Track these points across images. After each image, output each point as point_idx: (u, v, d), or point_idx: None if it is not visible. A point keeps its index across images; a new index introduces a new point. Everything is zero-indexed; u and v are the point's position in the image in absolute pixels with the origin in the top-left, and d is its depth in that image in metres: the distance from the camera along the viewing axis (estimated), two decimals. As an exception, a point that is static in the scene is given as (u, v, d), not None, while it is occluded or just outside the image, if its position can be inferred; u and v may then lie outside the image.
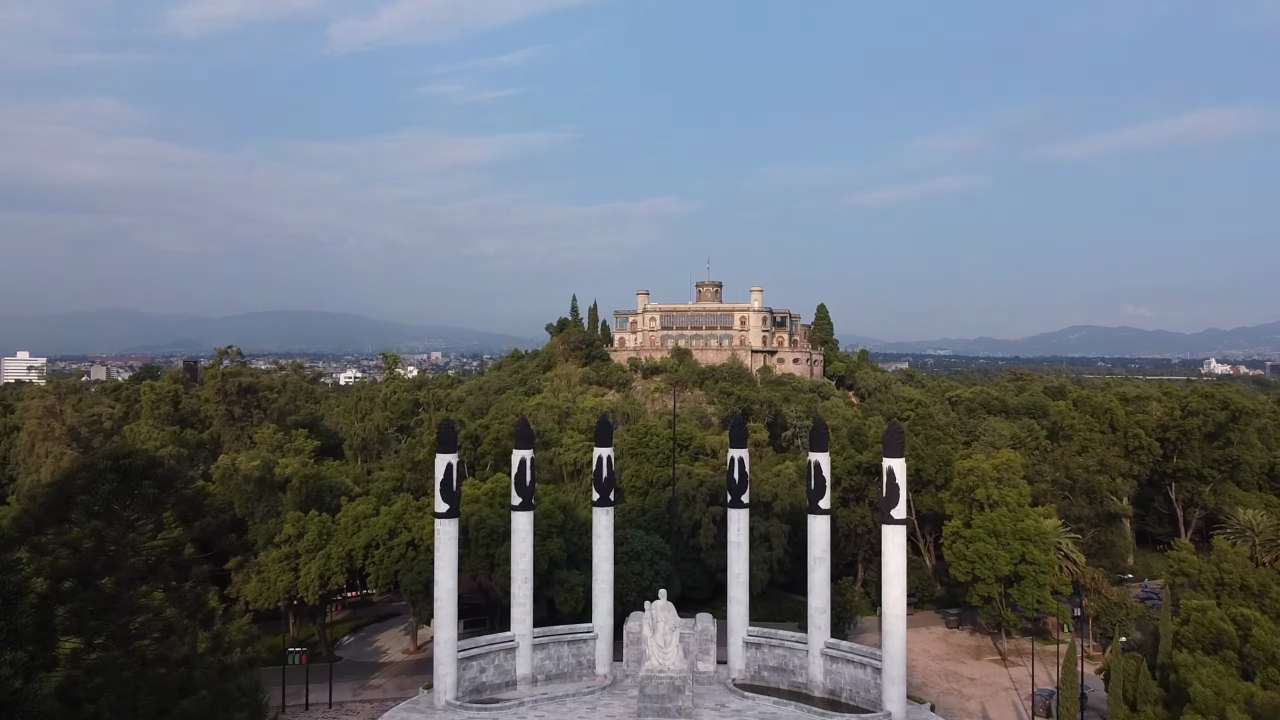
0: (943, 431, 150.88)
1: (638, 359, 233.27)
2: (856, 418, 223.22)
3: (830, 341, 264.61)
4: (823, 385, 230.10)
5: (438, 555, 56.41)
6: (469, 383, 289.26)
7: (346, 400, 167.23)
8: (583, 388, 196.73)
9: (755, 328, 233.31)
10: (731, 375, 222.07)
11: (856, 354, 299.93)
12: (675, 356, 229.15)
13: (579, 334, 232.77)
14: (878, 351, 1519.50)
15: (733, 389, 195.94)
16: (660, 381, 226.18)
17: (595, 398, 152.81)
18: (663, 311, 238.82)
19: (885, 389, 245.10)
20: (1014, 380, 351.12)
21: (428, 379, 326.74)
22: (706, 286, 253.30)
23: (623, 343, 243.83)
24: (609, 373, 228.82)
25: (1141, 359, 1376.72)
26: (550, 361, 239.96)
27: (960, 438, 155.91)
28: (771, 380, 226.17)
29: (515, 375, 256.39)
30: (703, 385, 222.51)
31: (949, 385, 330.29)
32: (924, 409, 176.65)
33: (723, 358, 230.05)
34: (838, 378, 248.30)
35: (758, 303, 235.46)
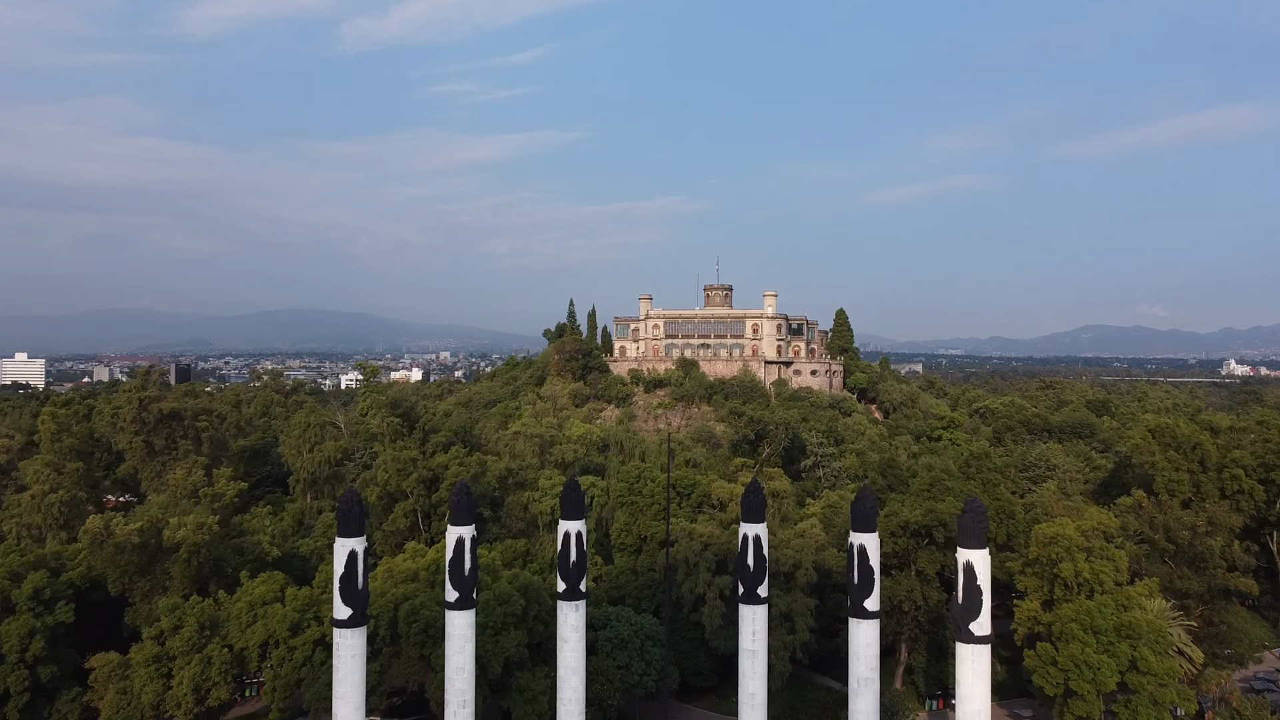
0: (1000, 473, 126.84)
1: (639, 371, 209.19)
2: (882, 438, 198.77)
3: (850, 350, 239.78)
4: (844, 400, 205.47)
5: (336, 677, 44.34)
6: (461, 392, 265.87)
7: (296, 420, 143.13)
8: (572, 409, 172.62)
9: (769, 336, 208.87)
10: (743, 390, 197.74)
11: (878, 363, 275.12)
12: (681, 368, 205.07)
13: (574, 343, 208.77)
14: (890, 351, 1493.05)
15: (744, 409, 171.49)
16: (664, 396, 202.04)
17: (584, 424, 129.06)
18: (667, 318, 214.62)
19: (912, 403, 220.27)
20: (1045, 389, 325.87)
21: (418, 391, 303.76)
22: (716, 290, 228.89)
23: (623, 352, 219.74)
24: (607, 386, 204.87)
25: (1157, 359, 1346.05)
26: (545, 372, 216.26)
27: (1017, 474, 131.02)
28: (787, 396, 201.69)
29: (508, 386, 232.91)
30: (711, 400, 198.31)
31: (975, 394, 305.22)
32: (972, 443, 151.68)
33: (733, 370, 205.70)
34: (859, 390, 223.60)
35: (772, 309, 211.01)
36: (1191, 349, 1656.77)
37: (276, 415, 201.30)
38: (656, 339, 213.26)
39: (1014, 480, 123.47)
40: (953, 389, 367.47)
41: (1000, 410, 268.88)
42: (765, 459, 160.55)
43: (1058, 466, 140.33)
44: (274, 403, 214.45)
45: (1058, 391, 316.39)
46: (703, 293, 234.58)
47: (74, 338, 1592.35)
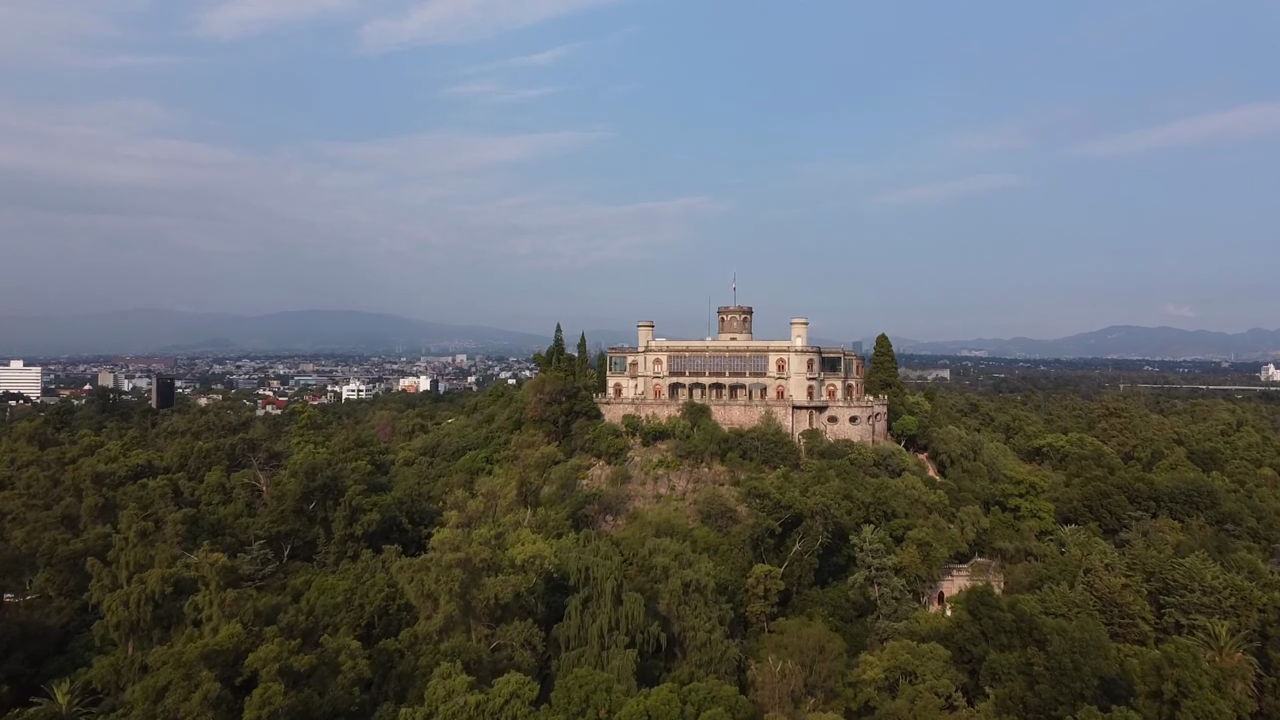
0: (1129, 616, 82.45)
1: (636, 417, 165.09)
2: (943, 505, 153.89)
3: (895, 384, 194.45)
4: (891, 456, 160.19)
5: None
6: (434, 432, 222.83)
7: (125, 519, 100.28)
8: (534, 482, 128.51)
9: (798, 375, 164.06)
10: (765, 445, 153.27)
11: (923, 392, 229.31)
12: (687, 416, 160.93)
13: (556, 382, 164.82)
14: (912, 354, 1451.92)
15: (766, 487, 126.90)
16: (666, 451, 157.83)
17: (530, 543, 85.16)
18: (671, 352, 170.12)
19: (973, 454, 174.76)
20: (1109, 416, 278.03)
21: (395, 421, 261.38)
22: (732, 314, 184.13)
23: (618, 391, 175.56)
24: (597, 436, 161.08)
25: (1188, 361, 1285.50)
26: (523, 414, 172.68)
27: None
28: (821, 450, 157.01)
29: (481, 430, 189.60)
30: (725, 458, 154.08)
31: (1030, 424, 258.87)
32: (1079, 535, 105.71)
33: (753, 418, 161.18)
34: (907, 437, 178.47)
35: (801, 340, 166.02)
36: (1220, 350, 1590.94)
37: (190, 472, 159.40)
38: (659, 377, 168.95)
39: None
40: (998, 411, 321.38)
41: (1070, 449, 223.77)
42: (795, 556, 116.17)
43: (1216, 601, 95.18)
44: (192, 453, 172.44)
45: (1125, 421, 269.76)
46: (716, 316, 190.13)
47: (97, 338, 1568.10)
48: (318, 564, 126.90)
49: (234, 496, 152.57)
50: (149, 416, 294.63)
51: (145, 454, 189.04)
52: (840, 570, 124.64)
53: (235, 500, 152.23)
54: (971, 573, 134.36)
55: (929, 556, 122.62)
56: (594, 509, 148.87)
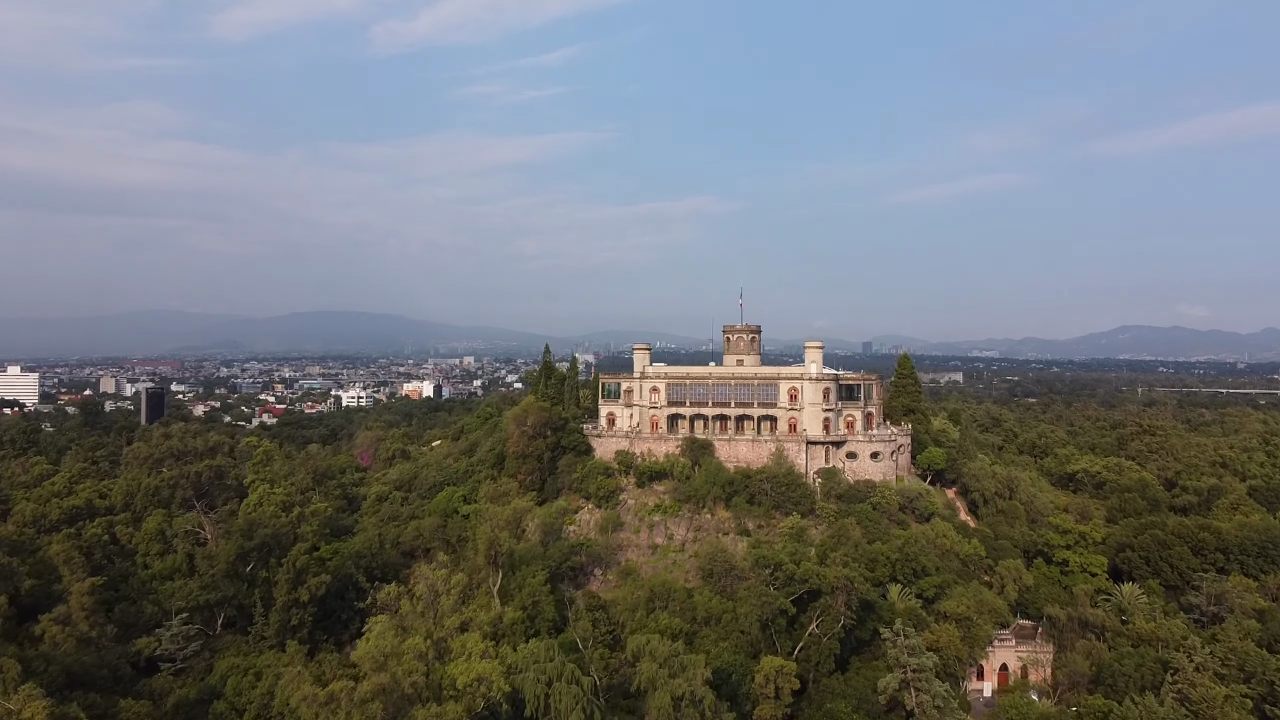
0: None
1: (630, 453, 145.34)
2: (979, 557, 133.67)
3: (920, 410, 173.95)
4: (918, 497, 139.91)
5: None
6: (420, 458, 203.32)
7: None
8: (510, 542, 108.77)
9: (813, 405, 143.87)
10: (775, 487, 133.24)
11: (947, 415, 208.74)
12: (688, 453, 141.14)
13: (540, 413, 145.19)
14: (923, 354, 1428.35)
15: (772, 553, 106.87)
16: (663, 494, 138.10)
17: (478, 657, 65.87)
18: (670, 379, 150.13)
19: (1009, 492, 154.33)
20: (1143, 434, 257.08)
21: (378, 443, 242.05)
22: (739, 334, 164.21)
23: (611, 422, 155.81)
24: (585, 475, 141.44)
25: (1201, 362, 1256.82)
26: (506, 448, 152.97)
27: None
28: (840, 492, 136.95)
29: (462, 461, 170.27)
30: (730, 502, 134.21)
31: (1066, 450, 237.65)
32: (1150, 621, 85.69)
33: (762, 455, 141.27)
34: (935, 472, 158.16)
35: (816, 365, 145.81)
36: (1233, 350, 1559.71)
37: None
38: (656, 407, 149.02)
39: None
40: (1022, 427, 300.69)
41: (1107, 476, 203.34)
42: (812, 639, 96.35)
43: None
44: (139, 490, 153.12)
45: (1160, 439, 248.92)
46: (721, 335, 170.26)
47: (108, 340, 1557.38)
48: (254, 638, 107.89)
49: (174, 547, 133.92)
50: (124, 435, 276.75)
51: (91, 488, 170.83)
52: (864, 645, 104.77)
53: (175, 552, 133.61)
54: (1016, 642, 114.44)
55: (970, 634, 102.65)
56: (581, 560, 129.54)
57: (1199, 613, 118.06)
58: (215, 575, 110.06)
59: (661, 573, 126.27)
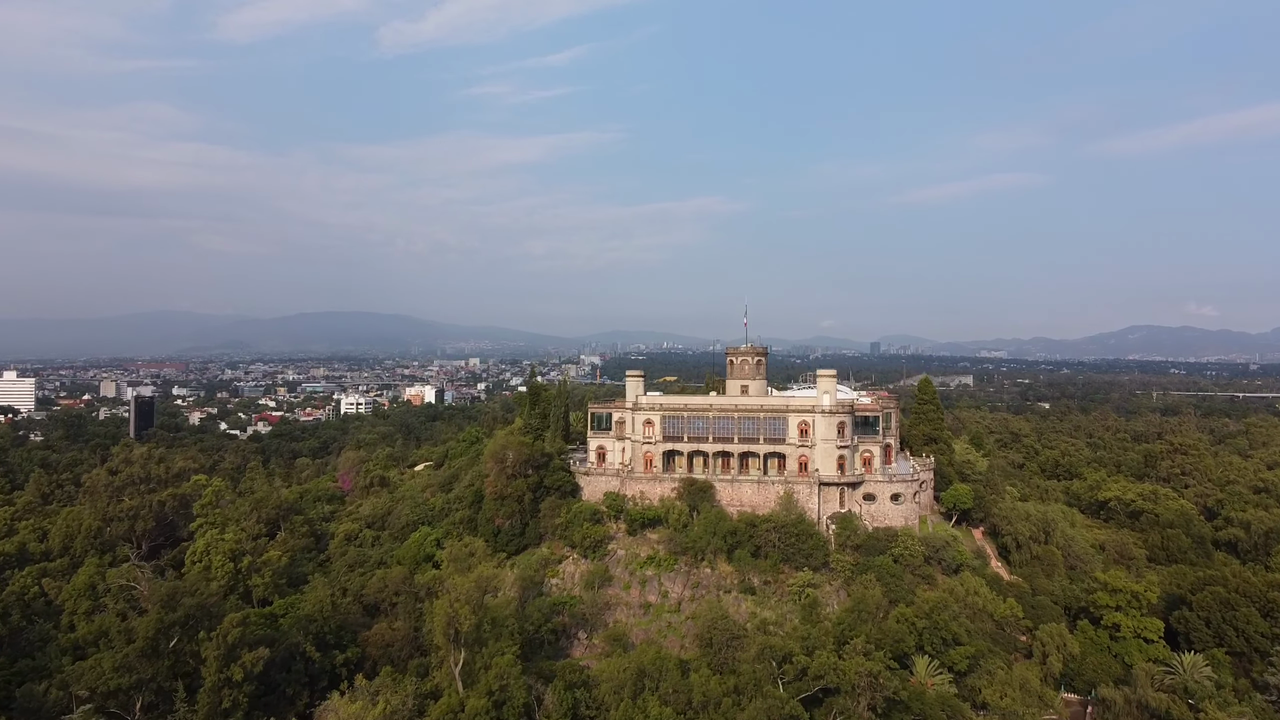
0: None
1: (620, 495, 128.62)
2: (1016, 618, 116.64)
3: (941, 438, 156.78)
4: (945, 546, 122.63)
5: None
6: (399, 488, 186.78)
7: None
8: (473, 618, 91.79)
9: (825, 441, 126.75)
10: (784, 538, 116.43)
11: (968, 437, 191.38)
12: (685, 496, 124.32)
13: (521, 449, 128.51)
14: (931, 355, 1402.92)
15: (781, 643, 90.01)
16: (657, 544, 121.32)
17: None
18: (666, 411, 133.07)
19: (1044, 535, 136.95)
20: (1174, 453, 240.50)
21: (360, 465, 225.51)
22: (743, 356, 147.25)
23: (602, 456, 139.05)
24: (570, 520, 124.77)
25: (1212, 363, 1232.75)
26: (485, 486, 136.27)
27: None
28: (858, 542, 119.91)
29: (439, 499, 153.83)
30: (732, 555, 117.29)
31: (1096, 475, 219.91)
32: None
33: (768, 499, 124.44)
34: (960, 512, 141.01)
35: (829, 396, 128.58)
36: (1243, 349, 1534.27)
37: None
38: (650, 442, 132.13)
39: None
40: (1042, 443, 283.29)
41: (1143, 505, 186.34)
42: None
43: None
44: (80, 531, 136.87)
45: (1194, 460, 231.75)
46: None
47: (118, 341, 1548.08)
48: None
49: (103, 605, 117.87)
50: (100, 454, 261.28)
51: (31, 527, 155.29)
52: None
53: (106, 611, 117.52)
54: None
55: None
56: (564, 622, 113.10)
57: (1276, 693, 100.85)
58: (130, 654, 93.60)
59: (654, 637, 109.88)
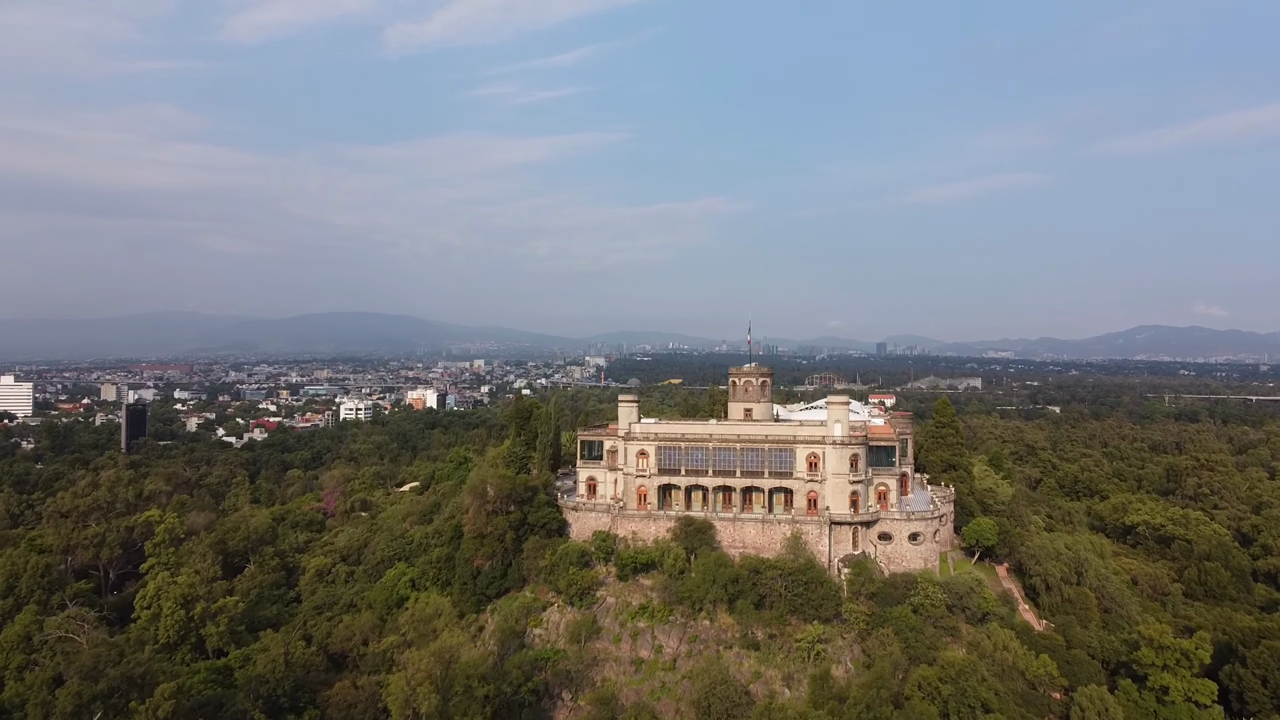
0: None
1: (611, 535, 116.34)
2: (1050, 676, 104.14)
3: (961, 465, 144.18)
4: (969, 592, 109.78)
5: None
6: (379, 516, 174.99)
7: None
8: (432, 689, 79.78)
9: (837, 476, 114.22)
10: (791, 586, 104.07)
11: (988, 457, 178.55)
12: (682, 537, 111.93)
13: (502, 484, 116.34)
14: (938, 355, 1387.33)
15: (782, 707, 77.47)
16: (651, 591, 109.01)
17: None
18: (662, 441, 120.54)
19: (1077, 576, 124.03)
20: (1200, 469, 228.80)
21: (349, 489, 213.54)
22: (746, 377, 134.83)
23: (592, 488, 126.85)
24: (556, 563, 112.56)
25: (1221, 364, 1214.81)
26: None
27: None
28: (873, 591, 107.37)
29: (417, 532, 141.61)
30: (734, 605, 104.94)
31: (1120, 496, 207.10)
32: None
33: (774, 540, 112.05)
34: (984, 550, 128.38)
35: (841, 425, 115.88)
36: (1252, 349, 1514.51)
37: None
38: (644, 475, 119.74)
39: None
40: (1059, 457, 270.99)
41: (1173, 530, 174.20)
42: None
43: None
44: (25, 569, 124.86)
45: (1221, 477, 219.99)
46: (728, 380, 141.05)
47: (125, 341, 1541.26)
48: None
49: (38, 660, 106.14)
50: (79, 468, 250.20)
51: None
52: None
53: (40, 666, 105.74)
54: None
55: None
56: (546, 680, 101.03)
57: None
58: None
59: (646, 700, 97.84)
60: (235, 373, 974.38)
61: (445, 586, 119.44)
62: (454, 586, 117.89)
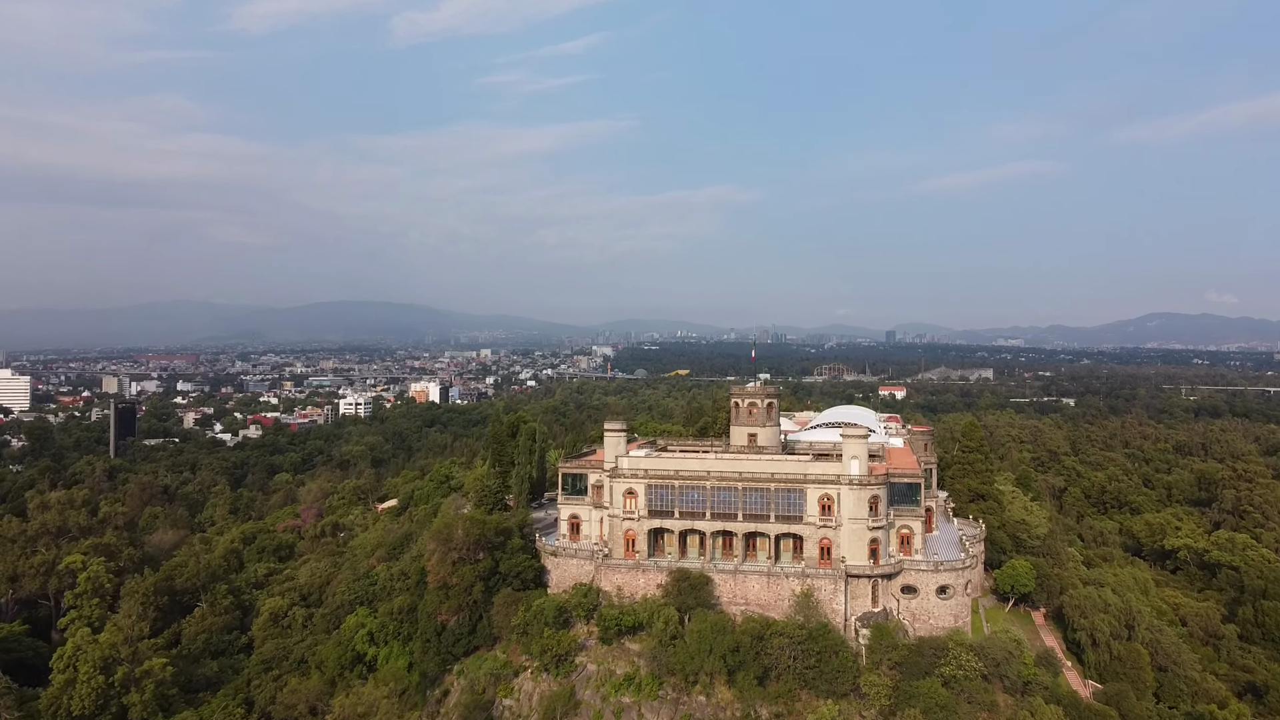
0: None
1: (593, 590, 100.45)
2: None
3: (989, 494, 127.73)
4: (1008, 658, 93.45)
5: None
6: (350, 542, 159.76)
7: None
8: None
9: (854, 521, 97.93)
10: (801, 655, 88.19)
11: (1012, 475, 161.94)
12: (675, 594, 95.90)
13: (471, 529, 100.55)
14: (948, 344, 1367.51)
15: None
16: (638, 659, 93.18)
17: None
18: (653, 478, 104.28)
19: (1127, 630, 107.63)
20: (1239, 480, 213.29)
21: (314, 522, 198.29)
22: (751, 399, 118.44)
23: (575, 527, 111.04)
24: (529, 621, 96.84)
25: (1234, 352, 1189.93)
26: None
27: None
28: (897, 659, 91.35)
29: (382, 570, 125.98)
30: (734, 677, 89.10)
31: (1154, 517, 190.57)
32: None
33: (781, 598, 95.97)
34: (1019, 596, 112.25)
35: (859, 462, 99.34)
36: (1264, 337, 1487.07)
37: None
38: (631, 517, 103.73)
39: None
40: (1083, 463, 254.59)
41: (1220, 556, 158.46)
42: None
43: None
44: None
45: (1263, 490, 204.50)
46: (730, 402, 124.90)
47: (135, 330, 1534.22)
48: None
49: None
50: (49, 477, 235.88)
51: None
52: None
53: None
54: None
55: None
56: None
57: None
58: None
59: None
60: (241, 363, 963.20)
61: (407, 641, 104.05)
62: (415, 643, 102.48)
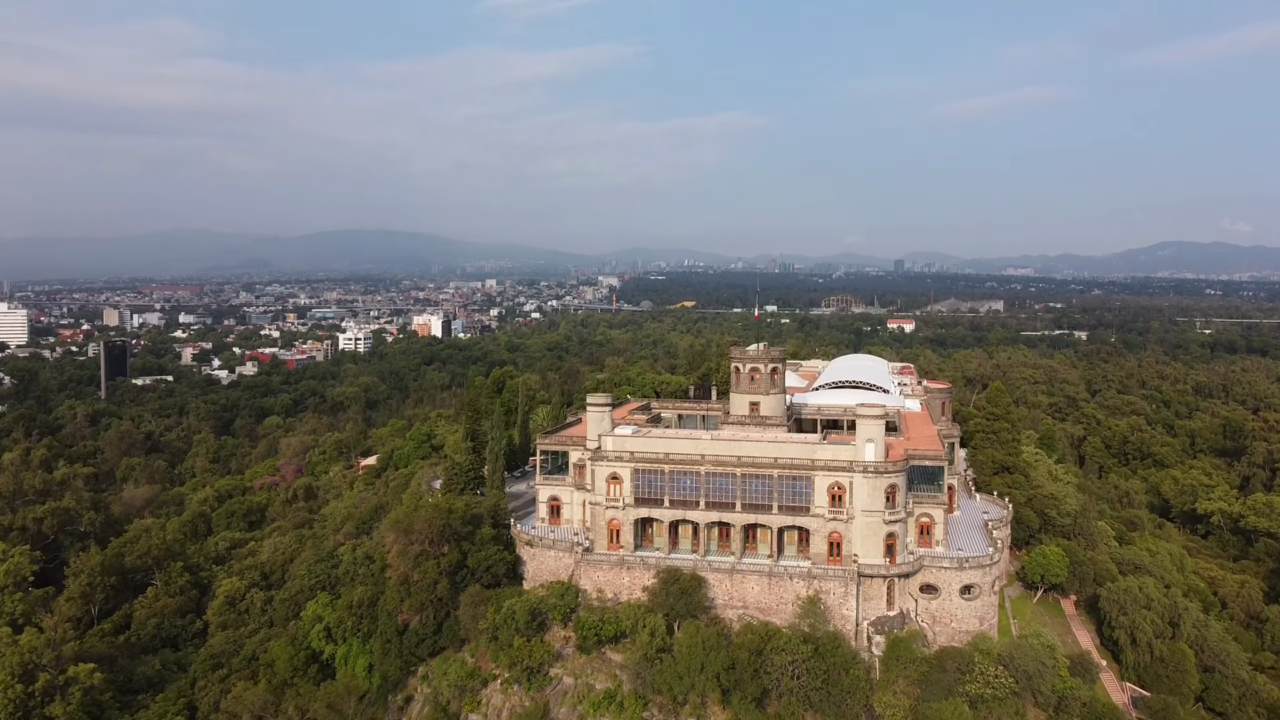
0: None
1: (571, 589, 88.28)
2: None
3: (1017, 469, 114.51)
4: (1041, 669, 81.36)
5: None
6: (320, 515, 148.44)
7: None
8: None
9: (869, 513, 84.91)
10: (808, 673, 76.19)
11: (1035, 435, 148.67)
12: (663, 598, 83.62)
13: (434, 519, 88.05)
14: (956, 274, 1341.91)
15: None
16: (620, 674, 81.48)
17: None
18: (641, 461, 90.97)
19: (1172, 629, 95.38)
20: (1270, 432, 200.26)
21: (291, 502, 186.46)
22: (753, 363, 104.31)
23: (555, 511, 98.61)
24: (500, 623, 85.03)
25: (1247, 282, 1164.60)
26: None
27: None
28: (917, 675, 79.44)
29: (347, 552, 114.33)
30: (729, 696, 77.40)
31: (1189, 476, 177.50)
32: None
33: (784, 602, 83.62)
34: (1050, 586, 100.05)
35: (874, 445, 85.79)
36: (1276, 267, 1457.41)
37: None
38: (615, 505, 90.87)
39: None
40: (1105, 411, 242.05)
41: (1256, 521, 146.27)
42: None
43: None
44: None
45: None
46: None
47: (140, 259, 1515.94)
48: None
49: None
50: (24, 424, 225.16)
51: None
52: None
53: None
54: None
55: None
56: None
57: None
58: None
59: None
60: (245, 293, 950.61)
61: (367, 639, 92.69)
62: (375, 642, 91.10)
